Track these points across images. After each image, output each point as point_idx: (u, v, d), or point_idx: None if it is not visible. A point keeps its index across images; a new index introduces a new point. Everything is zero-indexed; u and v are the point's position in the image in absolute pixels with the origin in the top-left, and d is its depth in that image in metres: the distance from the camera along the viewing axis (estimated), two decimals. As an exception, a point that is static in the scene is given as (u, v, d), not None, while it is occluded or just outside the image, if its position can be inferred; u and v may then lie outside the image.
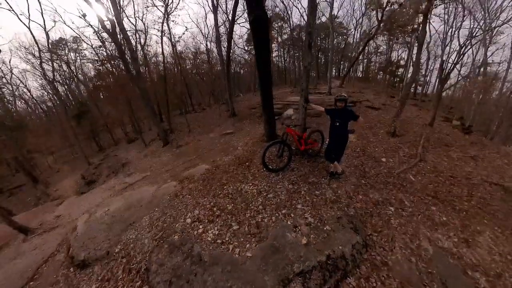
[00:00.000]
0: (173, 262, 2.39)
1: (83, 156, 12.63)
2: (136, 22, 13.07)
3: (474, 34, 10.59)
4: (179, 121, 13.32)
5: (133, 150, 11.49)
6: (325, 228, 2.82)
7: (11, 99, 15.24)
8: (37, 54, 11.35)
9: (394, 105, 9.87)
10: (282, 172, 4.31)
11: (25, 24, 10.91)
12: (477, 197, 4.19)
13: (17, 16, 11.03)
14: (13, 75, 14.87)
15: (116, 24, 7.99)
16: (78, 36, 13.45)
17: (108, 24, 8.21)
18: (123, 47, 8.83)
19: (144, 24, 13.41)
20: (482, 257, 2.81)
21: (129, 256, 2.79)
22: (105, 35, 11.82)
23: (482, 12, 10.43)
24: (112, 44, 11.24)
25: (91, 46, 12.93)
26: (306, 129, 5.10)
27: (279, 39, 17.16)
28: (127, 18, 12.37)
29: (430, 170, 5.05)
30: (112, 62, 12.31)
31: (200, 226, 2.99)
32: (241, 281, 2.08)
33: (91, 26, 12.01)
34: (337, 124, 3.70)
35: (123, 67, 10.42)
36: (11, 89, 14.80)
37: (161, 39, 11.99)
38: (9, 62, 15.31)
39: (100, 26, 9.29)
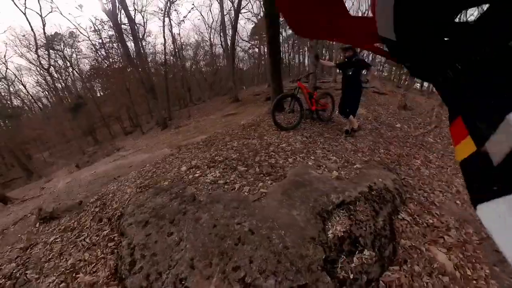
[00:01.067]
0: (155, 202, 1.60)
1: (79, 149, 11.80)
2: (135, 14, 12.52)
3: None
4: (178, 113, 12.70)
5: (130, 139, 10.73)
6: (355, 167, 2.13)
7: (6, 95, 14.20)
8: (32, 43, 10.58)
9: (401, 92, 9.53)
10: (293, 130, 3.67)
11: (20, 10, 10.23)
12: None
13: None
14: (8, 70, 13.89)
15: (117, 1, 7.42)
16: (75, 26, 12.77)
17: (108, 6, 7.68)
18: (123, 30, 8.26)
19: (143, 17, 12.90)
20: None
21: (105, 205, 2.02)
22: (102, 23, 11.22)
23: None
24: (109, 30, 10.61)
25: (88, 37, 12.20)
26: (317, 89, 4.51)
27: (284, 34, 16.80)
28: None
29: (448, 134, 4.50)
30: (109, 47, 11.65)
31: (198, 171, 2.23)
32: (255, 217, 1.32)
33: (88, 18, 11.34)
34: (350, 73, 3.20)
35: (120, 52, 9.81)
36: (6, 84, 13.80)
37: (163, 24, 11.41)
38: (4, 57, 14.18)
39: (100, 8, 8.71)
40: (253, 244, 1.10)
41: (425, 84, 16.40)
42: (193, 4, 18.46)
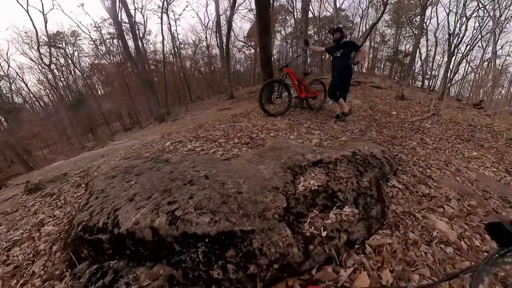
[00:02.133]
0: (130, 164, 1.59)
1: (79, 145, 12.04)
2: (135, 13, 12.85)
3: (484, 24, 10.14)
4: (177, 109, 12.88)
5: (129, 134, 10.91)
6: (340, 139, 2.12)
7: (7, 92, 14.47)
8: (34, 40, 10.89)
9: (400, 87, 9.43)
10: (281, 116, 3.67)
11: (23, 7, 10.61)
12: (503, 139, 3.57)
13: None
14: (10, 67, 14.18)
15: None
16: (76, 24, 13.23)
17: (108, 4, 7.93)
18: (122, 26, 8.49)
19: (143, 16, 13.26)
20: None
21: (87, 175, 2.08)
22: (103, 19, 11.53)
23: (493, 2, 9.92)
24: (110, 27, 10.93)
25: (89, 34, 12.55)
26: (307, 75, 4.47)
27: (283, 32, 16.93)
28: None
29: (447, 120, 4.39)
30: (110, 43, 11.95)
31: (180, 145, 2.28)
32: (217, 169, 1.27)
33: (89, 14, 11.72)
34: (338, 54, 3.15)
35: (121, 49, 10.06)
36: (8, 82, 14.07)
37: (161, 22, 11.65)
38: (6, 54, 14.48)
39: (101, 5, 8.99)
40: (202, 185, 1.04)
41: (426, 82, 16.42)
42: (187, 1, 18.14)
